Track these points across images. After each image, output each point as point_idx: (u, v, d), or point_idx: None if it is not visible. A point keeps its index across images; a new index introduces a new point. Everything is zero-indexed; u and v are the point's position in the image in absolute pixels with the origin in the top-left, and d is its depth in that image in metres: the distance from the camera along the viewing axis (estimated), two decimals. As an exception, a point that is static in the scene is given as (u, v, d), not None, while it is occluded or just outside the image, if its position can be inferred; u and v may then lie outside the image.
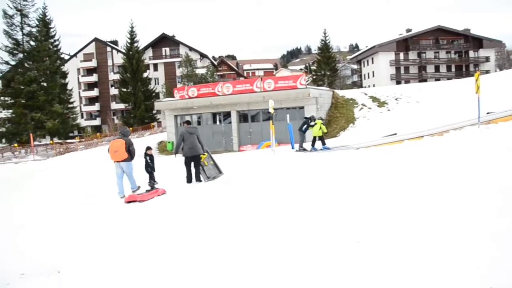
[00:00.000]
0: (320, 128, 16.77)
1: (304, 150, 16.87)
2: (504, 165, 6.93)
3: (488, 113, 15.75)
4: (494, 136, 10.94)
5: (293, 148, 18.16)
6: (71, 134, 54.58)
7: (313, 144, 17.07)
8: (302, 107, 25.51)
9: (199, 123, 29.96)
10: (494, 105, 17.32)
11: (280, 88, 26.32)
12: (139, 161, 10.63)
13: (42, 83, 45.63)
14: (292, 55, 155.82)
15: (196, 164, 11.20)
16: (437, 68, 64.09)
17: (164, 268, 4.46)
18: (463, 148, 9.91)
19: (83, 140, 47.39)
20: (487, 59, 63.86)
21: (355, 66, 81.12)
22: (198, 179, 11.21)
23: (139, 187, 10.26)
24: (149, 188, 10.15)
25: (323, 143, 16.97)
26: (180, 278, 4.09)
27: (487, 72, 54.06)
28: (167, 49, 69.29)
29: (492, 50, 65.26)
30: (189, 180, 11.15)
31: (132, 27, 57.15)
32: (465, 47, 64.45)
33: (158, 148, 32.20)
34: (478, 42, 64.58)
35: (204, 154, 11.41)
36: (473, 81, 14.79)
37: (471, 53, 64.79)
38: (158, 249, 5.20)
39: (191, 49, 67.68)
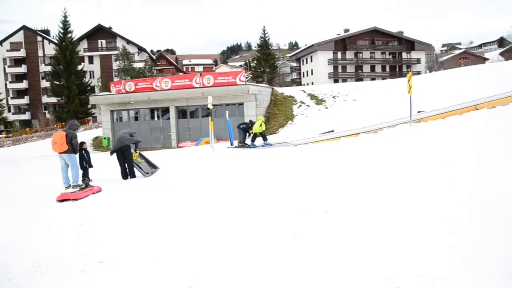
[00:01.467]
0: (261, 125, 16.74)
1: (245, 145, 16.81)
2: (432, 160, 7.27)
3: (419, 112, 16.41)
4: (424, 133, 11.44)
5: (232, 144, 18.05)
6: (-4, 129, 51.31)
7: (253, 140, 17.02)
8: (242, 104, 25.48)
9: (136, 118, 29.12)
10: (424, 104, 18.15)
11: (220, 84, 26.12)
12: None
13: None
14: (232, 51, 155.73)
15: (128, 160, 10.98)
16: (372, 68, 66.54)
17: (97, 269, 4.20)
18: (396, 144, 10.32)
19: (10, 135, 44.63)
20: (418, 61, 67.26)
21: (294, 64, 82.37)
22: (132, 175, 10.99)
23: (82, 184, 9.89)
24: (83, 185, 9.67)
25: (265, 139, 16.94)
26: (115, 279, 3.93)
27: (418, 73, 56.77)
28: (103, 41, 66.80)
29: (423, 52, 68.86)
30: (124, 175, 10.93)
31: (65, 16, 54.28)
32: (399, 49, 67.47)
33: (93, 144, 30.93)
34: (410, 44, 67.91)
35: (136, 152, 11.25)
36: (406, 81, 15.38)
37: (404, 55, 67.98)
38: (91, 250, 4.93)
39: (128, 42, 65.67)
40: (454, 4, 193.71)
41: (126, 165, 10.99)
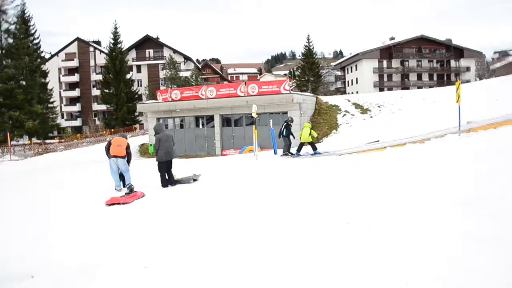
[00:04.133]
0: (310, 133, 16.45)
1: (290, 154, 16.74)
2: (480, 174, 7.01)
3: (468, 122, 15.91)
4: (473, 144, 11.06)
5: (275, 153, 18.06)
6: (50, 135, 53.63)
7: (298, 150, 16.84)
8: (286, 112, 25.49)
9: (181, 126, 29.70)
10: (474, 113, 17.54)
11: (264, 93, 26.26)
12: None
13: (21, 82, 44.62)
14: (277, 60, 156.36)
15: (170, 168, 11.20)
16: (419, 76, 65.05)
17: (159, 271, 4.32)
18: (444, 156, 10.00)
19: (62, 140, 46.58)
20: (467, 69, 65.17)
21: (339, 73, 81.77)
22: (173, 183, 11.20)
23: (130, 187, 10.28)
24: (127, 191, 9.98)
25: (314, 148, 16.56)
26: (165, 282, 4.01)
27: (468, 81, 55.02)
28: (151, 51, 68.82)
29: (472, 60, 66.66)
30: (164, 184, 11.07)
31: (115, 28, 56.51)
32: (447, 57, 65.64)
33: (140, 150, 31.80)
34: (459, 52, 65.89)
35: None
36: (454, 90, 14.94)
37: (453, 63, 66.03)
38: (145, 253, 5.08)
39: (175, 51, 67.34)
40: (505, 9, 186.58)
41: (167, 174, 11.16)
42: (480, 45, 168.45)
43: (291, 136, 17.16)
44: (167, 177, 11.13)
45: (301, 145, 16.86)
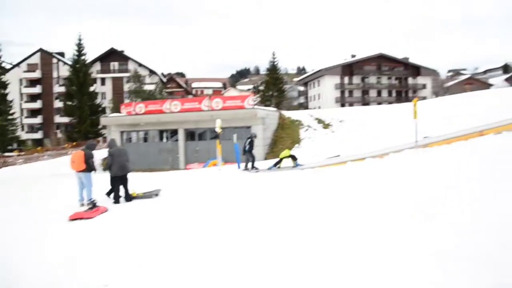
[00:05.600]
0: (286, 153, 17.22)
1: (254, 169, 17.12)
2: (435, 186, 7.60)
3: (425, 137, 16.63)
4: (429, 158, 11.78)
5: (239, 167, 18.44)
6: (9, 147, 52.15)
7: (275, 164, 17.21)
8: (250, 127, 26.00)
9: (145, 139, 29.76)
10: (430, 129, 18.44)
11: (228, 108, 26.75)
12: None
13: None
14: (241, 74, 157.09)
15: (125, 183, 11.21)
16: (379, 93, 67.27)
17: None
18: (400, 169, 10.63)
19: (22, 153, 45.45)
20: (424, 86, 67.98)
21: (302, 88, 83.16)
22: (128, 199, 11.19)
23: (92, 202, 10.32)
24: (90, 206, 10.11)
25: (295, 159, 17.02)
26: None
27: (424, 98, 57.16)
28: (116, 63, 68.29)
29: (428, 78, 69.42)
30: (117, 200, 11.04)
31: (80, 40, 55.61)
32: (405, 74, 68.35)
33: (103, 164, 31.52)
34: (416, 70, 68.83)
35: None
36: (412, 106, 15.77)
37: (410, 80, 68.76)
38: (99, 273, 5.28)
39: (140, 65, 67.07)
40: (461, 30, 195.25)
41: (124, 189, 11.19)
42: (436, 64, 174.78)
43: (254, 152, 17.63)
44: (120, 193, 11.13)
45: (280, 160, 17.27)
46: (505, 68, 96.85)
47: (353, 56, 70.01)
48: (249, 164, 17.26)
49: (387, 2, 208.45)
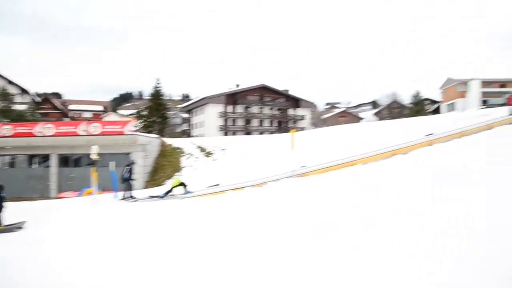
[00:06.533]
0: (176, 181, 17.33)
1: (132, 198, 16.56)
2: (309, 217, 8.03)
3: (302, 166, 17.58)
4: (306, 187, 12.45)
5: (116, 196, 17.67)
6: None
7: (166, 193, 16.94)
8: (129, 154, 25.20)
9: (12, 165, 27.20)
10: (308, 158, 19.51)
11: (108, 133, 25.71)
12: None
13: None
14: (124, 99, 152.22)
15: None
16: (261, 122, 69.85)
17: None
18: (277, 199, 11.06)
19: None
20: (303, 117, 72.18)
21: (185, 115, 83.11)
22: None
23: None
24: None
25: (185, 186, 17.09)
26: None
27: (303, 128, 60.76)
28: (-20, 80, 61.89)
29: (307, 109, 73.99)
30: None
31: None
32: (286, 105, 72.20)
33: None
34: (296, 102, 73.06)
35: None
36: (290, 137, 16.62)
37: (290, 111, 72.55)
38: None
39: (10, 82, 61.58)
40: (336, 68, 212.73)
41: None
42: (314, 97, 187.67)
43: (133, 180, 17.14)
44: None
45: (171, 189, 17.08)
46: (374, 104, 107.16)
47: (237, 85, 72.00)
48: (127, 193, 16.68)
49: (263, 37, 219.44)
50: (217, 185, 18.60)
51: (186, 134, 70.00)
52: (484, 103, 52.38)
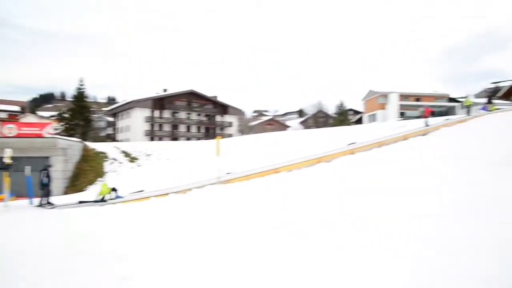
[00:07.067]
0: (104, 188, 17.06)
1: (49, 205, 15.80)
2: (234, 222, 8.10)
3: (228, 173, 17.67)
4: (231, 194, 12.54)
5: (31, 203, 16.71)
6: None
7: (102, 200, 16.62)
8: (48, 158, 23.93)
9: None
10: (234, 165, 19.64)
11: (24, 135, 24.25)
12: None
13: None
14: (45, 99, 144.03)
15: None
16: (188, 128, 69.28)
17: None
18: (201, 206, 11.06)
19: None
20: (230, 124, 72.62)
21: (111, 119, 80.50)
22: None
23: None
24: None
25: (115, 190, 17.05)
26: None
27: (230, 135, 61.16)
28: None
29: (235, 116, 74.59)
30: None
31: None
32: (213, 112, 72.24)
33: None
34: (224, 108, 73.32)
35: None
36: (215, 144, 16.68)
37: (218, 118, 72.71)
38: None
39: None
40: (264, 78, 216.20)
41: None
42: (242, 104, 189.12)
43: (51, 184, 16.39)
44: None
45: (103, 198, 16.81)
46: (300, 113, 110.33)
47: (164, 90, 70.88)
48: (44, 200, 15.90)
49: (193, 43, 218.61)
50: (141, 191, 18.26)
51: (111, 138, 67.70)
52: (402, 115, 55.88)
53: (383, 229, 5.84)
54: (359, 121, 71.44)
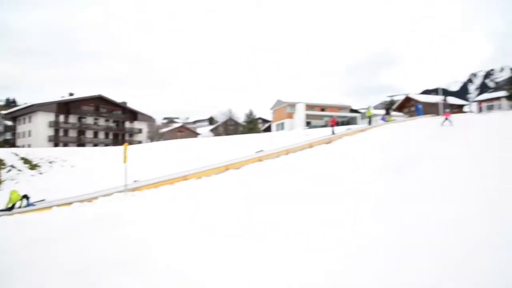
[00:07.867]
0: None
1: None
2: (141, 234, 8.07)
3: (135, 181, 17.42)
4: (138, 202, 12.39)
5: None
6: None
7: (8, 209, 15.91)
8: None
9: None
10: (143, 172, 19.39)
11: None
12: None
13: None
14: None
15: None
16: (96, 134, 66.53)
17: None
18: (106, 215, 10.81)
19: None
20: (140, 130, 71.08)
21: (9, 123, 74.86)
22: None
23: None
24: None
25: (28, 198, 16.64)
26: None
27: (140, 142, 59.83)
28: None
29: (145, 123, 73.15)
30: None
31: None
32: (123, 118, 70.17)
33: None
34: (133, 114, 71.56)
35: None
36: (123, 150, 16.36)
37: (127, 124, 70.80)
38: None
39: None
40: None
41: None
42: (152, 111, 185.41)
43: None
44: None
45: (13, 205, 16.18)
46: (211, 120, 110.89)
47: (71, 94, 67.49)
48: None
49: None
50: (43, 200, 17.48)
51: (10, 144, 63.01)
52: (308, 124, 58.39)
53: (284, 235, 6.26)
54: (268, 129, 73.48)
